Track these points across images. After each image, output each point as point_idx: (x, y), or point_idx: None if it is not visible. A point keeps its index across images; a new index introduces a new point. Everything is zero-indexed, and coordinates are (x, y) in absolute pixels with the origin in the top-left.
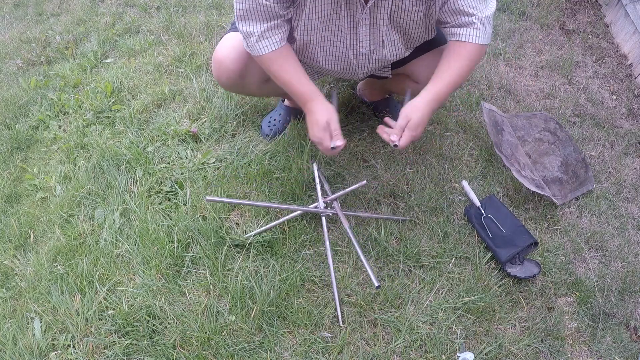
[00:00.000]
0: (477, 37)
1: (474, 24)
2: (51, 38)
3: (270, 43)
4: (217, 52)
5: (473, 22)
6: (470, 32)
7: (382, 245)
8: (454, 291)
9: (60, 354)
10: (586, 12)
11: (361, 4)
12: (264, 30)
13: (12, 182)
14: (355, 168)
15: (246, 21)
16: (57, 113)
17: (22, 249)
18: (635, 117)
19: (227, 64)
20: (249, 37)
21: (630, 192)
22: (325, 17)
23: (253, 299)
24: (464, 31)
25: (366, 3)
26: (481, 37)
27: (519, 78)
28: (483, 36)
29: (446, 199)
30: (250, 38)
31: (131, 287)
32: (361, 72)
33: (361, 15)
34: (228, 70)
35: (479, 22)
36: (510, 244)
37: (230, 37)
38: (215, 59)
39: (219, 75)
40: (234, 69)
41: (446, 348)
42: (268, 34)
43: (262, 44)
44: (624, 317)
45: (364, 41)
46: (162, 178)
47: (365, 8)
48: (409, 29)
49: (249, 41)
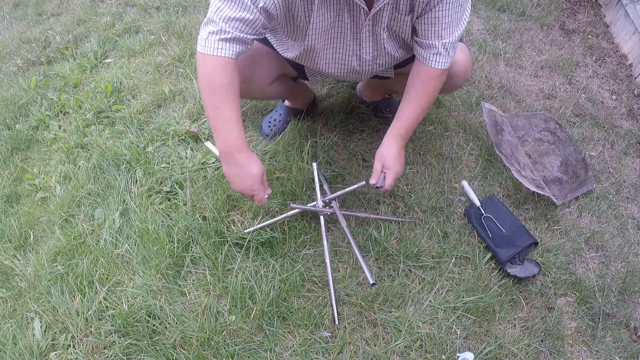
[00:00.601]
0: (437, 62)
1: (435, 48)
2: (51, 38)
3: (233, 51)
4: None
5: (435, 47)
6: (429, 57)
7: (382, 245)
8: (454, 291)
9: (60, 354)
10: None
11: (364, 12)
12: (238, 37)
13: (12, 182)
14: (355, 168)
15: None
16: (57, 113)
17: (22, 249)
18: (635, 117)
19: None
20: (219, 32)
21: (630, 192)
22: (329, 26)
23: (253, 299)
24: (424, 53)
25: (369, 11)
26: (440, 62)
27: (519, 78)
28: (443, 61)
29: (446, 199)
30: (219, 34)
31: (131, 287)
32: (365, 75)
33: (364, 22)
34: None
35: (442, 47)
36: (510, 244)
37: None
38: None
39: None
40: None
41: (446, 348)
42: (239, 42)
43: (226, 45)
44: (624, 317)
45: (367, 47)
46: (162, 178)
47: (369, 15)
48: (403, 35)
49: (214, 36)
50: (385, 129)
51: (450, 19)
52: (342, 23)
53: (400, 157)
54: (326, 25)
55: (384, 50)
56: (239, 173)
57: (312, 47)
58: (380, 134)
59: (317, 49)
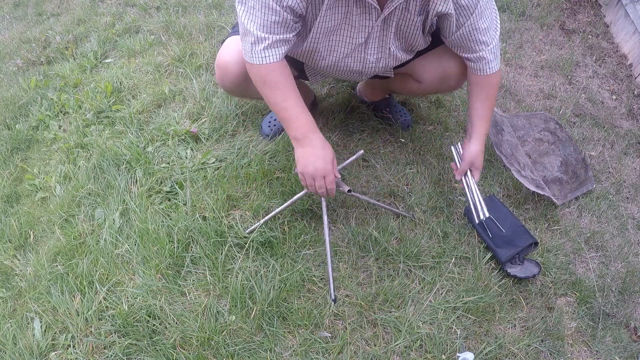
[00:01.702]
0: (491, 68)
1: (485, 58)
2: (51, 38)
3: (279, 54)
4: (221, 56)
5: (485, 57)
6: (484, 66)
7: (382, 245)
8: (454, 291)
9: (60, 354)
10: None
11: (377, 12)
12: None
13: (12, 182)
14: (355, 168)
15: (260, 26)
16: (57, 113)
17: (22, 249)
18: (635, 117)
19: (232, 68)
20: (259, 42)
21: (630, 192)
22: (336, 26)
23: (253, 299)
24: (479, 65)
25: (381, 12)
26: (493, 68)
27: (519, 78)
28: (495, 63)
29: (446, 199)
30: (260, 43)
31: (131, 287)
32: (366, 76)
33: (374, 23)
34: (233, 75)
35: (491, 54)
36: (510, 244)
37: (234, 41)
38: (219, 63)
39: (223, 80)
40: (240, 73)
41: (446, 348)
42: (280, 44)
43: (270, 52)
44: (624, 317)
45: (372, 49)
46: (162, 178)
47: (380, 16)
48: (411, 37)
49: (257, 46)
50: (385, 129)
51: (487, 24)
52: (349, 25)
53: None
54: (332, 25)
55: (388, 52)
56: (314, 152)
57: (313, 47)
58: (380, 134)
59: (319, 49)
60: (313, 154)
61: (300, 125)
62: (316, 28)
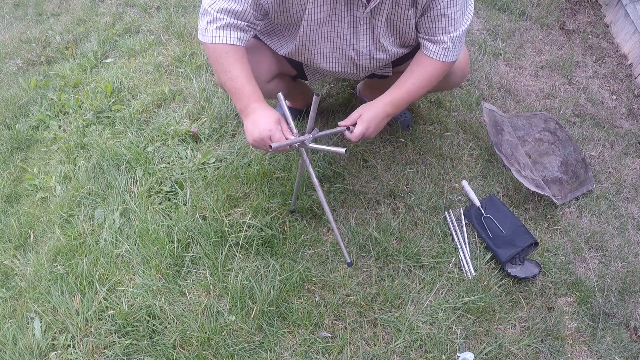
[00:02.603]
0: (445, 55)
1: (445, 43)
2: (51, 38)
3: (232, 37)
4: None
5: (444, 42)
6: (438, 51)
7: (382, 245)
8: (454, 291)
9: (60, 354)
10: (586, 12)
11: (362, 4)
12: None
13: (12, 182)
14: (355, 168)
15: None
16: (57, 113)
17: (22, 249)
18: (635, 117)
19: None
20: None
21: (630, 192)
22: (325, 18)
23: (253, 299)
24: (433, 47)
25: (367, 4)
26: (449, 56)
27: (519, 78)
28: (451, 55)
29: (446, 199)
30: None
31: (131, 287)
32: (362, 71)
33: (362, 14)
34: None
35: (450, 41)
36: (511, 244)
37: None
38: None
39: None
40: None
41: (446, 348)
42: (234, 28)
43: (224, 32)
44: (624, 317)
45: (364, 40)
46: (162, 178)
47: (367, 9)
48: (403, 29)
49: (211, 25)
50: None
51: (456, 15)
52: (338, 16)
53: (379, 120)
54: (321, 17)
55: (382, 46)
56: (255, 119)
57: (306, 41)
58: (380, 134)
59: (312, 42)
60: (254, 121)
61: (243, 96)
62: (306, 21)
